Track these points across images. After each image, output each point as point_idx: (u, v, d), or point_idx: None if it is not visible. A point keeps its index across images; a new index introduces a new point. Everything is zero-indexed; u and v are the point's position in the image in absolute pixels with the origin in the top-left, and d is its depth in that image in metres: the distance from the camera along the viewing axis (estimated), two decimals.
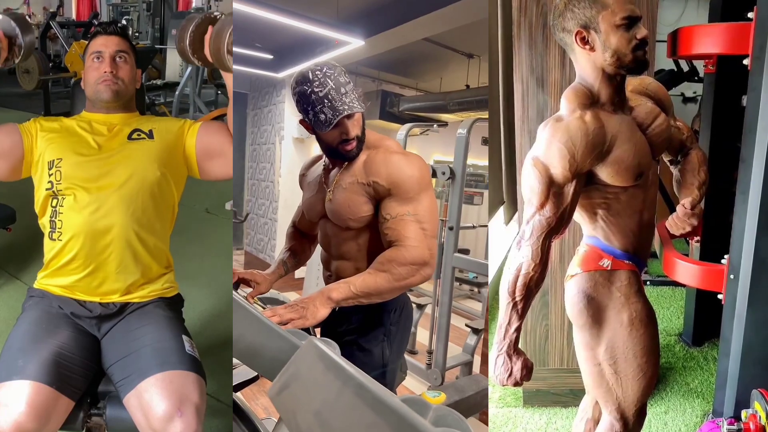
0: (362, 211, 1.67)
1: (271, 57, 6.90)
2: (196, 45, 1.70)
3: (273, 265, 2.02)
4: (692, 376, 2.72)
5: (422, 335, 3.99)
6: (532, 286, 1.35)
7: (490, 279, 3.76)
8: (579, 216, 1.51)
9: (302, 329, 1.60)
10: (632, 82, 1.52)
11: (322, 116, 1.61)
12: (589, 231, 1.51)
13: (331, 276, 1.84)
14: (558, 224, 1.36)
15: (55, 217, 1.65)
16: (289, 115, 7.55)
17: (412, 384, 3.66)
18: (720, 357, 2.11)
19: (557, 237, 1.39)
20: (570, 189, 1.36)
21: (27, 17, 1.77)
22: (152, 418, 1.46)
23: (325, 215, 1.78)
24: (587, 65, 1.41)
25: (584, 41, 1.38)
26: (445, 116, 6.43)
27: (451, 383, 1.69)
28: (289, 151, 7.54)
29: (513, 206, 4.66)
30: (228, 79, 1.80)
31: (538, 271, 1.35)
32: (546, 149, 1.36)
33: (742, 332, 1.97)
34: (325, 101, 1.60)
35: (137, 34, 8.42)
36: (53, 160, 1.66)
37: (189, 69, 6.40)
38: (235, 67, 1.68)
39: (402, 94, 7.43)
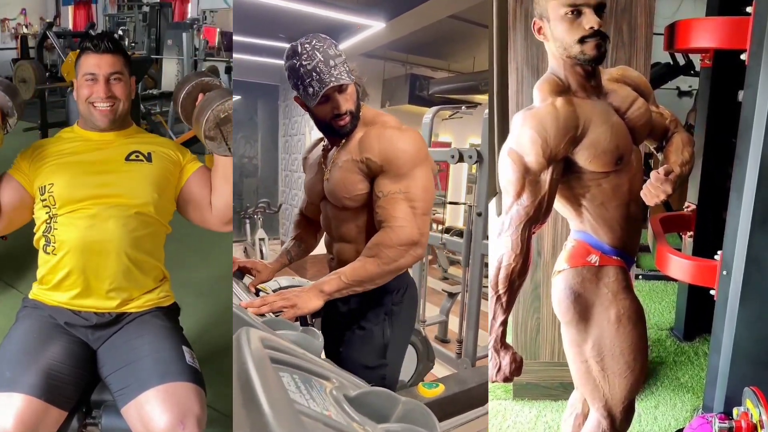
0: (357, 189, 1.65)
1: None
2: (188, 111, 1.65)
3: (278, 255, 2.00)
4: (683, 371, 2.72)
5: (455, 324, 3.97)
6: (515, 278, 1.33)
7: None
8: (565, 210, 1.49)
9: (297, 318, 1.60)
10: (612, 73, 1.52)
11: (311, 89, 1.59)
12: (577, 225, 1.49)
13: (333, 259, 1.81)
14: (536, 213, 1.35)
15: (49, 233, 1.62)
16: None
17: (442, 373, 3.56)
18: (711, 353, 2.11)
19: (538, 227, 1.37)
20: (546, 177, 1.35)
21: (10, 82, 1.69)
22: (153, 430, 1.46)
23: (325, 196, 1.76)
24: (550, 54, 1.42)
25: (539, 31, 1.39)
26: (478, 97, 6.18)
27: (453, 375, 1.67)
28: None
29: None
30: (219, 164, 1.68)
31: (519, 262, 1.33)
32: (518, 138, 1.36)
33: (733, 329, 1.96)
34: (313, 74, 1.57)
35: (133, 44, 8.43)
36: (44, 186, 1.63)
37: None
38: (262, 59, 1.63)
39: (433, 77, 7.22)
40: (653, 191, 1.46)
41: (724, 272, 1.96)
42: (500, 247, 1.34)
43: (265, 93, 8.67)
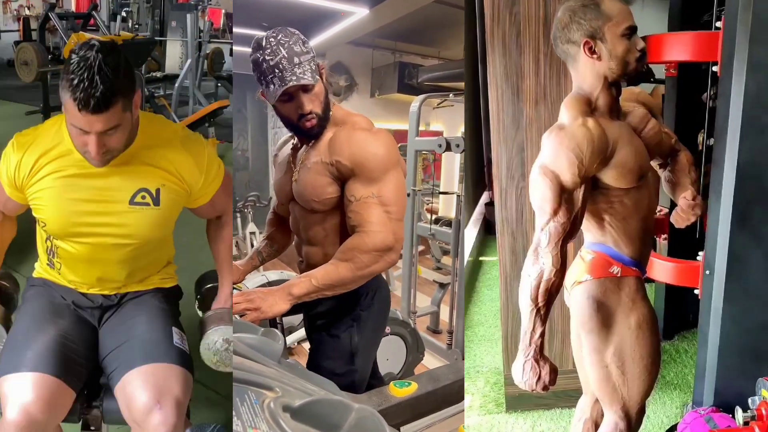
0: (327, 193, 1.62)
1: None
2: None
3: (248, 256, 2.00)
4: (667, 369, 2.80)
5: (447, 314, 3.98)
6: (554, 291, 1.40)
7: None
8: (587, 223, 1.55)
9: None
10: (623, 93, 1.58)
11: (272, 86, 1.56)
12: (597, 237, 1.56)
13: (303, 262, 1.78)
14: (572, 229, 1.42)
15: (54, 258, 1.63)
16: None
17: (433, 365, 3.47)
18: (699, 349, 2.18)
19: (570, 241, 1.44)
20: (579, 194, 1.42)
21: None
22: (133, 409, 1.47)
23: (294, 197, 1.73)
24: (590, 74, 1.47)
25: (591, 51, 1.45)
26: None
27: (427, 372, 1.66)
28: None
29: (471, 207, 4.72)
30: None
31: (559, 276, 1.40)
32: (554, 157, 1.41)
33: (719, 325, 2.04)
34: (276, 71, 1.54)
35: (137, 26, 8.29)
36: (38, 219, 1.59)
37: (189, 61, 6.34)
38: (247, 49, 1.59)
39: (422, 65, 7.07)
40: (684, 216, 1.60)
41: (707, 272, 2.05)
42: (539, 264, 1.39)
43: (254, 84, 8.52)
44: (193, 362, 1.61)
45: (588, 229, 1.58)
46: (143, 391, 1.47)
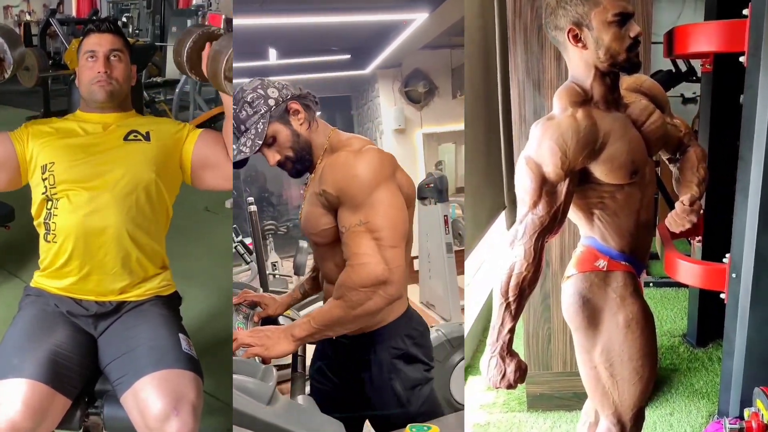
0: (321, 224, 1.52)
1: (348, 56, 6.77)
2: (194, 61, 1.71)
3: (291, 289, 1.94)
4: (697, 377, 2.70)
5: None
6: (525, 286, 1.33)
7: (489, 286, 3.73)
8: (576, 217, 1.49)
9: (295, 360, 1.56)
10: (627, 80, 1.51)
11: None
12: (587, 232, 1.49)
13: (325, 300, 1.68)
14: (551, 223, 1.35)
15: (50, 219, 1.65)
16: (385, 108, 7.33)
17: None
18: (724, 356, 2.09)
19: (551, 236, 1.37)
20: (563, 187, 1.34)
21: (14, 30, 1.77)
22: (148, 416, 1.46)
23: None
24: (580, 63, 1.39)
25: (576, 39, 1.36)
26: None
27: (454, 414, 1.49)
28: (390, 144, 7.12)
29: (513, 207, 4.61)
30: (226, 101, 1.70)
31: (531, 270, 1.33)
32: (537, 148, 1.35)
33: (745, 331, 1.96)
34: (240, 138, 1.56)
35: (137, 31, 8.44)
36: (46, 164, 1.66)
37: None
38: (327, 75, 1.61)
39: None
40: (679, 221, 1.51)
41: (733, 275, 1.96)
42: (511, 256, 1.34)
43: (340, 105, 8.35)
44: (202, 369, 1.61)
45: (578, 223, 1.51)
46: (158, 398, 1.45)
